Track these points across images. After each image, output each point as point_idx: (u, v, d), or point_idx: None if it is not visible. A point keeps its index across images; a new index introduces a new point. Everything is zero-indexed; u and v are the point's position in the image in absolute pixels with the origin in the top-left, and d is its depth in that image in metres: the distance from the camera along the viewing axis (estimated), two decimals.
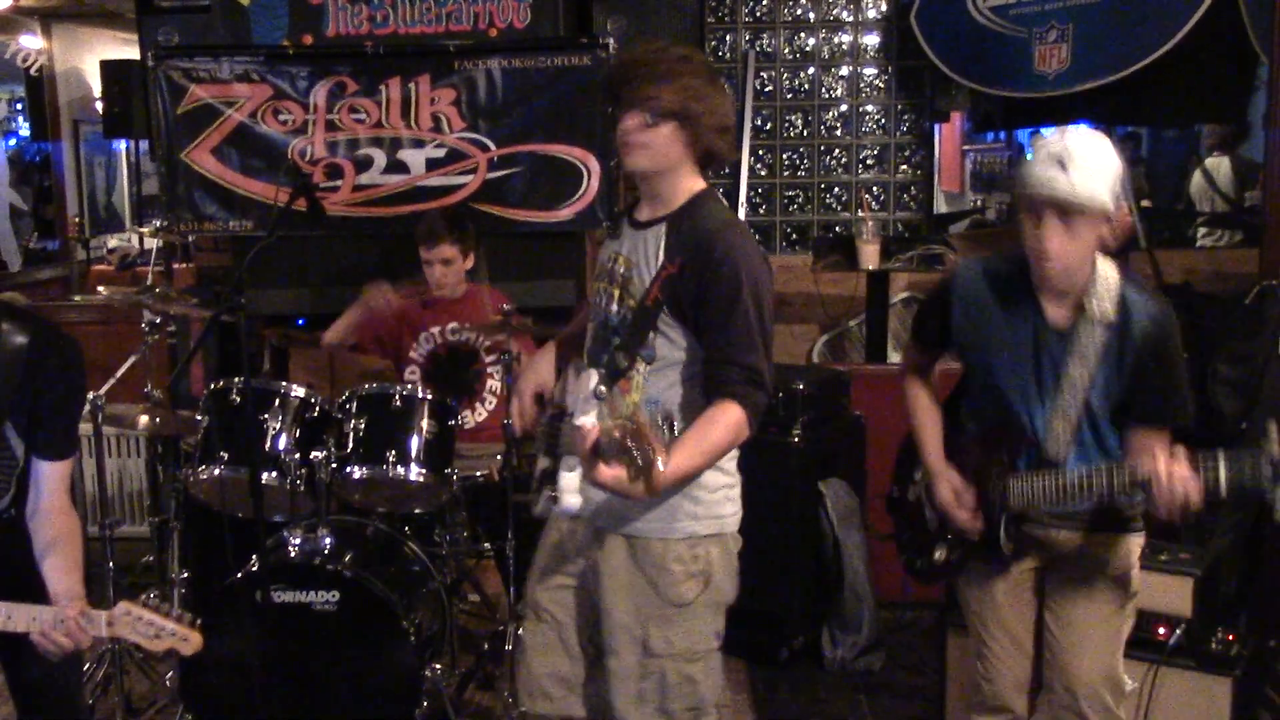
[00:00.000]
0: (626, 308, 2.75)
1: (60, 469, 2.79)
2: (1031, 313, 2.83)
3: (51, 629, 2.59)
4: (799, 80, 6.23)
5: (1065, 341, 2.79)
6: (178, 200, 5.26)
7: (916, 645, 4.66)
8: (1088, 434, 2.82)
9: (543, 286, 5.34)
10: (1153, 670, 3.54)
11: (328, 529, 3.86)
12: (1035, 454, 2.85)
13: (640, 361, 2.71)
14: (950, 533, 3.01)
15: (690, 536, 2.76)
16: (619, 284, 2.79)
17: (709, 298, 2.63)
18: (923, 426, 3.10)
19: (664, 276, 2.68)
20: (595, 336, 2.86)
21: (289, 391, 3.95)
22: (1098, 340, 2.75)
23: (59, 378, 2.75)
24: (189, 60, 5.18)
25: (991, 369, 2.90)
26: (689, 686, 2.81)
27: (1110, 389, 2.78)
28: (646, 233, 2.78)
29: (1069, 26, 5.28)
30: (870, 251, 5.71)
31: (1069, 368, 2.78)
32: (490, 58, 5.15)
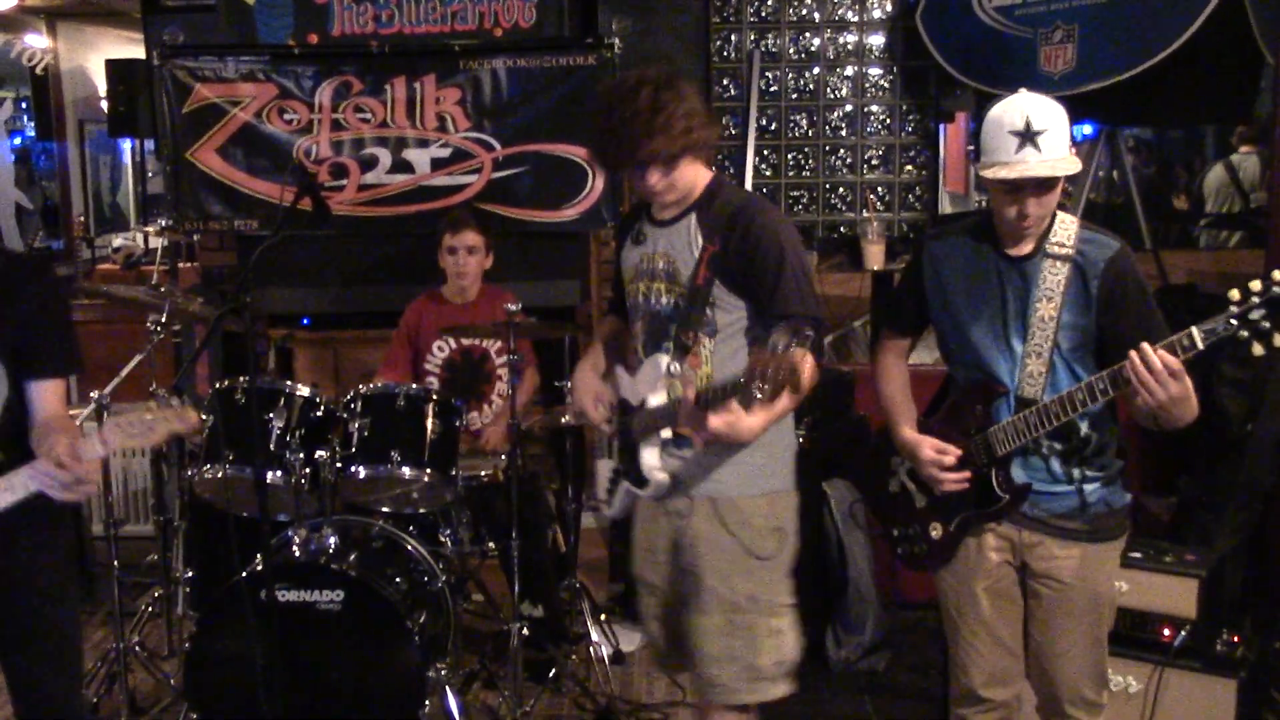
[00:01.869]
0: (677, 295, 2.95)
1: (55, 386, 2.80)
2: (993, 256, 2.90)
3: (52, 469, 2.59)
4: (804, 80, 6.22)
5: (1028, 280, 2.84)
6: (183, 199, 5.27)
7: (921, 646, 4.65)
8: (1063, 375, 2.84)
9: (548, 286, 5.34)
10: (1158, 672, 3.54)
11: (332, 528, 3.86)
12: (1014, 402, 2.88)
13: (704, 337, 2.93)
14: (942, 504, 3.03)
15: (769, 493, 3.02)
16: (662, 278, 2.99)
17: (756, 264, 2.85)
18: (895, 405, 3.14)
19: (708, 256, 2.90)
20: (649, 330, 3.05)
21: (294, 391, 3.95)
22: (1061, 276, 2.81)
23: (34, 298, 2.77)
24: (194, 59, 5.18)
25: (963, 325, 2.95)
26: (776, 640, 3.02)
27: (1079, 325, 2.82)
28: (676, 226, 2.98)
29: (1074, 27, 5.27)
30: (875, 252, 5.71)
31: (1035, 306, 2.83)
32: (495, 57, 5.15)
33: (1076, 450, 2.88)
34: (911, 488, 3.14)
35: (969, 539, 3.02)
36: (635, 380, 3.08)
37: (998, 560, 3.00)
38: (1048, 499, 2.91)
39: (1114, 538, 2.98)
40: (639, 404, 3.06)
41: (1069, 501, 2.90)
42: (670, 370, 2.94)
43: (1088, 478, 2.89)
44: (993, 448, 2.90)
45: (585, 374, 3.25)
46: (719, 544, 2.99)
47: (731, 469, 2.98)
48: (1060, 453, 2.89)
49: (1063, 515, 2.91)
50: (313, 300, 5.48)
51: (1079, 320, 2.82)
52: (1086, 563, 2.93)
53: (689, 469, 3.00)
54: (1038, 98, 2.79)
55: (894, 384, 3.18)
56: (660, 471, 3.01)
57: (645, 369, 3.04)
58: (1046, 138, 2.71)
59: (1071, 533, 2.92)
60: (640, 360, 3.07)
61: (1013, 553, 2.99)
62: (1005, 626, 3.04)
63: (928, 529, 3.09)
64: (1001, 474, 2.91)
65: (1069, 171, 2.74)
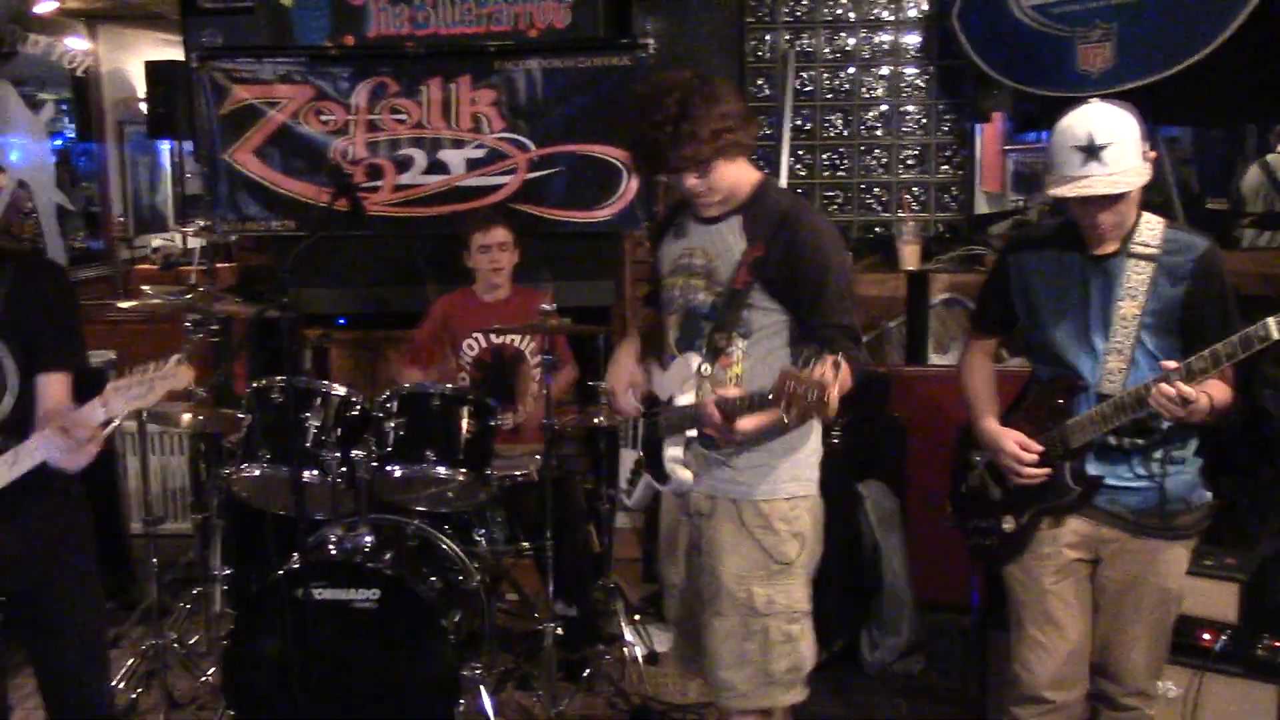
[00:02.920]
0: (715, 294, 2.95)
1: (62, 379, 2.89)
2: (1076, 252, 2.93)
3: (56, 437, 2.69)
4: (839, 80, 6.20)
5: (1112, 279, 2.87)
6: (221, 200, 5.32)
7: (957, 649, 4.62)
8: (1146, 372, 2.84)
9: (582, 286, 5.35)
10: (1198, 677, 3.50)
11: (368, 527, 3.88)
12: (1095, 398, 2.91)
13: (737, 338, 2.93)
14: (1016, 497, 3.07)
15: (792, 497, 3.01)
16: (701, 275, 2.99)
17: (800, 271, 2.85)
18: (978, 399, 3.18)
19: (750, 259, 2.89)
20: (683, 326, 3.05)
21: (330, 390, 3.97)
22: (1145, 275, 2.83)
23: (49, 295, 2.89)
24: (232, 61, 5.23)
25: (1046, 325, 2.99)
26: (790, 646, 3.01)
27: (1164, 323, 2.84)
28: (720, 225, 2.98)
29: (1113, 25, 5.22)
30: (910, 252, 5.68)
31: (1118, 305, 2.85)
32: (530, 58, 5.17)
33: (1158, 445, 2.89)
34: (989, 481, 3.18)
35: (1044, 534, 3.04)
36: (665, 376, 3.09)
37: (1072, 557, 3.03)
38: (1126, 494, 2.94)
39: (1190, 536, 3.01)
40: (667, 400, 3.07)
41: (1148, 497, 2.92)
42: (701, 370, 2.95)
43: (1169, 473, 2.90)
44: (1068, 440, 2.94)
45: (622, 360, 3.25)
46: (739, 546, 3.00)
47: (756, 471, 2.98)
48: (1141, 447, 2.90)
49: (1142, 511, 2.94)
50: (349, 300, 5.52)
51: (1164, 319, 2.84)
52: (1160, 559, 2.97)
53: (712, 469, 3.01)
54: (1105, 108, 2.79)
55: (978, 378, 3.21)
56: (683, 469, 3.03)
57: (676, 366, 3.04)
58: (1111, 151, 2.72)
59: (1149, 529, 2.95)
60: (673, 356, 3.07)
61: (1088, 548, 3.02)
62: (1074, 625, 3.05)
63: (1001, 522, 3.12)
64: (1075, 466, 2.94)
65: (1134, 185, 2.75)
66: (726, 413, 2.80)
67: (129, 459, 5.58)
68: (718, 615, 3.02)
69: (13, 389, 2.85)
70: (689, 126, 2.76)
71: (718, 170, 2.86)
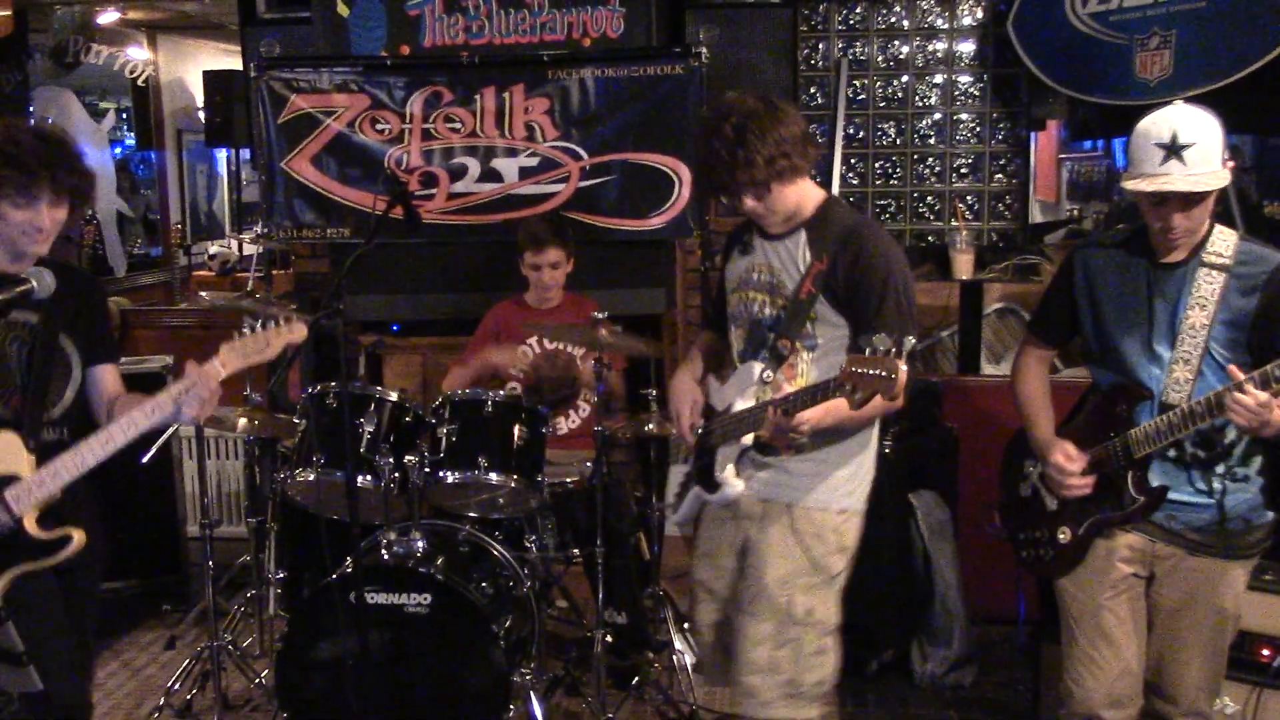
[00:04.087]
0: (779, 306, 3.00)
1: (113, 370, 3.12)
2: (1144, 261, 2.89)
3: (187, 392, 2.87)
4: (892, 88, 6.17)
5: (1180, 288, 2.82)
6: (277, 208, 5.37)
7: (1009, 661, 4.58)
8: (1214, 382, 2.79)
9: (634, 295, 5.36)
10: (1256, 693, 3.45)
11: (420, 532, 3.91)
12: (1158, 407, 2.85)
13: (802, 350, 2.97)
14: (1073, 507, 3.02)
15: (845, 510, 3.04)
16: (766, 290, 3.04)
17: (862, 284, 2.89)
18: (1033, 408, 3.15)
19: (815, 273, 2.92)
20: (748, 338, 3.10)
21: (384, 396, 4.01)
22: (1217, 286, 2.78)
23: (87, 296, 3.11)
24: (290, 71, 5.28)
25: (1110, 333, 2.94)
26: (821, 659, 3.02)
27: (1231, 335, 2.79)
28: (785, 241, 3.03)
29: (1172, 33, 5.16)
30: (964, 261, 5.65)
31: (1186, 315, 2.81)
32: (583, 67, 5.18)
33: (1220, 458, 2.84)
34: (1043, 491, 3.14)
35: (1099, 547, 3.00)
36: (726, 386, 3.11)
37: (1127, 571, 2.97)
38: (1186, 511, 2.88)
39: (1250, 556, 2.94)
40: (724, 409, 3.07)
41: (1208, 515, 2.87)
42: (763, 378, 2.97)
43: (1229, 490, 2.85)
44: (1131, 449, 2.89)
45: (684, 380, 3.29)
46: (788, 552, 3.01)
47: (811, 479, 3.00)
48: (1202, 460, 2.85)
49: (1200, 529, 2.88)
50: (402, 307, 5.55)
51: (1233, 330, 2.79)
52: (1217, 579, 2.91)
53: (767, 474, 3.03)
54: (1189, 110, 2.77)
55: (1033, 385, 3.18)
56: (735, 478, 3.04)
57: (738, 374, 3.06)
58: (1194, 151, 2.69)
59: (1206, 548, 2.89)
60: (735, 369, 3.10)
61: (1143, 564, 2.97)
62: (1128, 642, 3.00)
63: (1056, 533, 3.08)
64: (1138, 475, 2.89)
65: (1214, 186, 2.72)
66: (787, 410, 2.80)
67: (186, 463, 5.66)
68: (753, 618, 3.02)
69: (75, 380, 3.03)
70: (745, 153, 2.82)
71: (775, 193, 2.91)
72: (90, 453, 2.86)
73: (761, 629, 3.01)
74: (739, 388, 3.04)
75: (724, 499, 3.08)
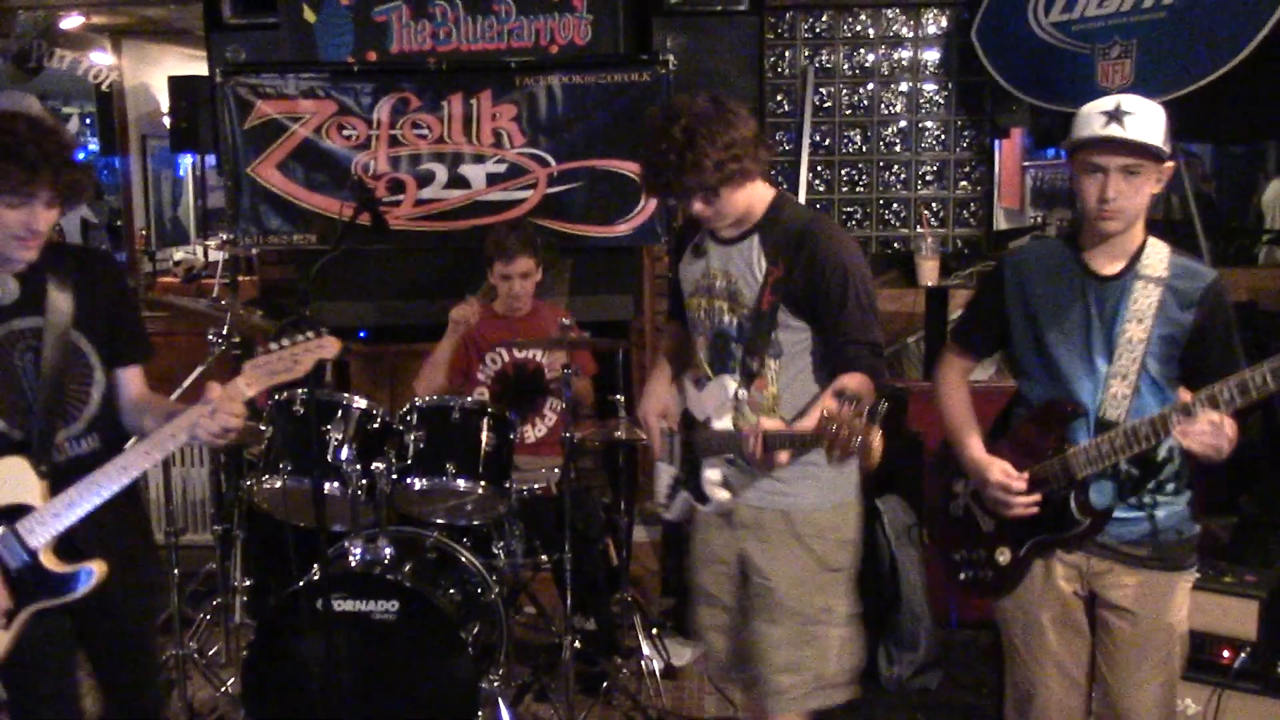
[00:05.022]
0: (741, 316, 2.97)
1: (136, 372, 2.90)
2: (1078, 272, 2.83)
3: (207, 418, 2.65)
4: (858, 96, 6.22)
5: (1117, 301, 2.77)
6: (243, 214, 5.35)
7: (974, 664, 4.62)
8: (1149, 398, 2.76)
9: (601, 301, 5.37)
10: (1216, 694, 3.50)
11: (388, 539, 3.90)
12: (1095, 423, 2.79)
13: (769, 360, 2.95)
14: (1011, 528, 2.93)
15: (839, 504, 3.05)
16: (724, 297, 3.01)
17: (821, 287, 2.86)
18: (961, 425, 3.04)
19: (772, 280, 2.90)
20: (713, 348, 3.07)
21: (351, 403, 4.00)
22: (1154, 299, 2.74)
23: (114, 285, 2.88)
24: (256, 77, 5.27)
25: (1046, 343, 2.87)
26: (845, 648, 3.04)
27: (1168, 350, 2.75)
28: (738, 245, 2.99)
29: (1133, 42, 5.23)
30: (929, 268, 5.70)
31: (1124, 328, 2.76)
32: (551, 74, 5.19)
33: (1153, 474, 2.80)
34: (976, 511, 3.04)
35: (1036, 566, 2.93)
36: (702, 397, 3.10)
37: (1066, 590, 2.92)
38: (1117, 524, 2.83)
39: (1184, 567, 2.89)
40: (704, 420, 3.07)
41: (1139, 528, 2.83)
42: (738, 396, 2.97)
43: (1159, 504, 2.82)
44: (1071, 470, 2.80)
45: (657, 389, 3.27)
46: (793, 557, 3.00)
47: (803, 483, 2.99)
48: (1134, 477, 2.80)
49: (1132, 542, 2.84)
50: (369, 314, 5.54)
51: (1169, 345, 2.75)
52: (1156, 591, 2.85)
53: (758, 481, 3.02)
54: (1135, 95, 2.75)
55: (958, 402, 3.07)
56: (721, 490, 3.04)
57: (712, 389, 3.05)
58: (1135, 119, 2.66)
59: (1141, 560, 2.84)
60: (707, 378, 3.09)
61: (1080, 581, 2.91)
62: (1073, 660, 2.95)
63: (994, 554, 2.98)
64: (1080, 497, 2.82)
65: (1149, 148, 2.66)
66: (768, 445, 2.78)
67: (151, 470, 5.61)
68: (772, 624, 3.01)
69: (100, 383, 2.82)
70: (693, 156, 2.77)
71: (725, 196, 2.87)
72: (107, 481, 2.66)
73: (782, 633, 3.00)
74: (716, 402, 3.02)
75: (715, 509, 3.08)
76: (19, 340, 2.71)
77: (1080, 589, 2.92)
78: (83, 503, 2.64)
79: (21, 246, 2.62)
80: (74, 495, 2.64)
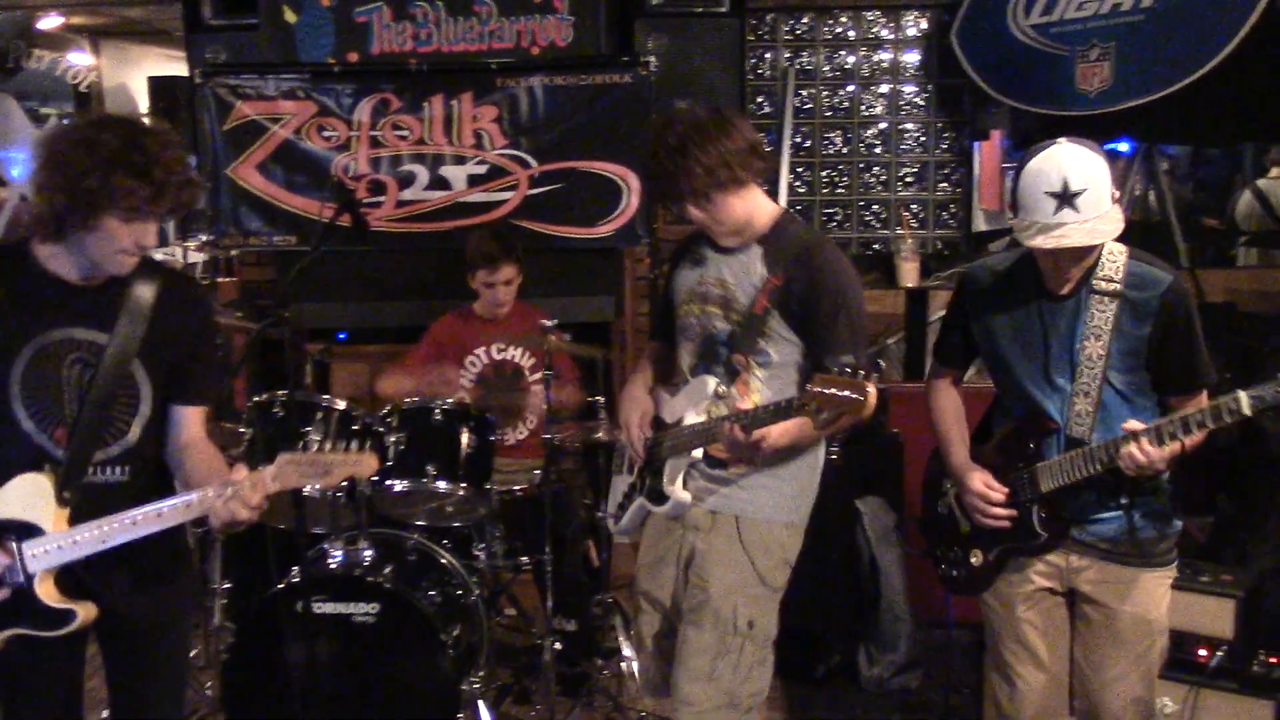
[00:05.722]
0: (733, 322, 3.00)
1: (196, 413, 2.72)
2: (1033, 292, 2.86)
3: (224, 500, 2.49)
4: (839, 98, 6.23)
5: (1073, 320, 2.79)
6: (223, 215, 5.34)
7: (954, 664, 4.63)
8: (1116, 411, 2.79)
9: (582, 302, 5.37)
10: (1193, 692, 3.51)
11: (368, 541, 3.89)
12: (1064, 439, 2.84)
13: (755, 366, 2.97)
14: (984, 534, 3.00)
15: (790, 524, 3.07)
16: (720, 303, 3.03)
17: (815, 302, 2.91)
18: (948, 432, 3.11)
19: (770, 288, 2.93)
20: (700, 352, 3.09)
21: (331, 405, 3.99)
22: (1109, 313, 2.75)
23: (185, 325, 2.68)
24: (236, 77, 5.25)
25: (1008, 362, 2.92)
26: (759, 670, 3.05)
27: (1129, 362, 2.78)
28: (739, 255, 3.03)
29: (1111, 45, 5.26)
30: (909, 269, 5.71)
31: (1082, 346, 2.78)
32: (532, 76, 5.19)
33: (1126, 479, 2.80)
34: (957, 512, 3.11)
35: (1013, 563, 2.98)
36: (676, 398, 3.11)
37: (1043, 585, 2.96)
38: (1097, 523, 2.87)
39: (1164, 564, 2.93)
40: (675, 421, 3.08)
41: (1118, 525, 2.86)
42: (717, 392, 2.98)
43: (1136, 503, 2.84)
44: (1038, 483, 2.87)
45: (635, 389, 3.29)
46: (735, 563, 3.02)
47: (762, 491, 3.02)
48: (1109, 484, 2.82)
49: (1112, 539, 2.87)
50: (349, 315, 5.53)
51: (1130, 358, 2.77)
52: (1136, 588, 2.89)
53: (717, 486, 3.04)
54: (1075, 150, 2.68)
55: (946, 410, 3.14)
56: (682, 490, 3.04)
57: (691, 387, 3.06)
58: (1085, 198, 2.63)
59: (1121, 556, 2.88)
60: (685, 380, 3.10)
61: (1060, 579, 2.95)
62: (1051, 655, 2.99)
63: (968, 555, 3.07)
64: (1043, 511, 2.88)
65: (1109, 236, 2.67)
66: (746, 426, 2.81)
67: None
68: (696, 628, 3.03)
69: (144, 416, 2.64)
70: (685, 162, 2.85)
71: (718, 203, 2.93)
72: (115, 534, 2.51)
73: (704, 638, 3.02)
74: (691, 401, 3.04)
75: (671, 511, 3.09)
76: (74, 350, 2.56)
77: (1059, 586, 2.96)
78: (88, 545, 2.51)
79: (125, 261, 2.51)
80: (81, 535, 2.51)
